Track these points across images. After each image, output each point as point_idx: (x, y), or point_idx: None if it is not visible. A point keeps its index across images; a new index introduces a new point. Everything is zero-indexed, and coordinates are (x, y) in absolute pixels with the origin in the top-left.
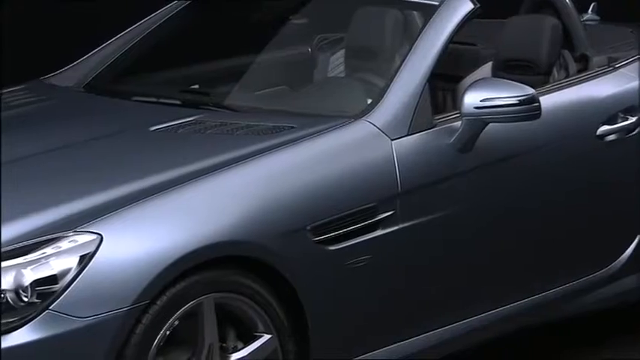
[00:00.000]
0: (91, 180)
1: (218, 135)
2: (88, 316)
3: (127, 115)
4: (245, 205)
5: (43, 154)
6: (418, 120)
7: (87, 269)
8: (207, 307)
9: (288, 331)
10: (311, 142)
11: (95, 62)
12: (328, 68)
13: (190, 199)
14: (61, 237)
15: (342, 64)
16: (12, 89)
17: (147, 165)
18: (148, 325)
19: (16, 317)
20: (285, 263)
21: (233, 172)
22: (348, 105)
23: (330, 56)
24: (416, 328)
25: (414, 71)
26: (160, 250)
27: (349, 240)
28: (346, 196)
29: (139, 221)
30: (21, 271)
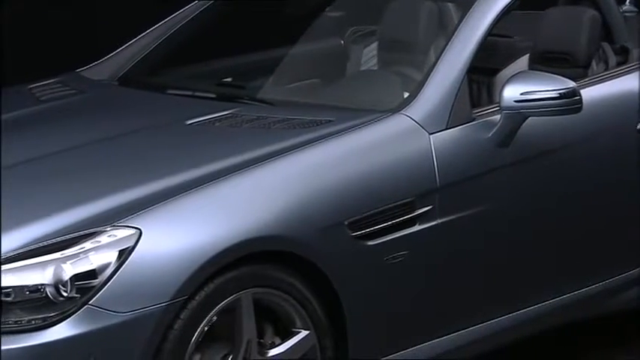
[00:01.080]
0: (129, 174)
1: (255, 129)
2: (127, 311)
3: (162, 108)
4: (283, 200)
5: (80, 147)
6: (456, 114)
7: (126, 264)
8: (246, 303)
9: (326, 327)
10: (349, 136)
11: (128, 55)
12: (361, 61)
13: (228, 194)
14: (100, 231)
15: (375, 57)
16: (46, 82)
17: (184, 159)
18: (187, 320)
19: (56, 312)
20: (323, 258)
21: (271, 166)
22: (385, 98)
23: (363, 49)
24: (451, 325)
25: (452, 64)
26: (199, 246)
27: (387, 235)
28: (384, 190)
29: (178, 216)
30: (60, 265)
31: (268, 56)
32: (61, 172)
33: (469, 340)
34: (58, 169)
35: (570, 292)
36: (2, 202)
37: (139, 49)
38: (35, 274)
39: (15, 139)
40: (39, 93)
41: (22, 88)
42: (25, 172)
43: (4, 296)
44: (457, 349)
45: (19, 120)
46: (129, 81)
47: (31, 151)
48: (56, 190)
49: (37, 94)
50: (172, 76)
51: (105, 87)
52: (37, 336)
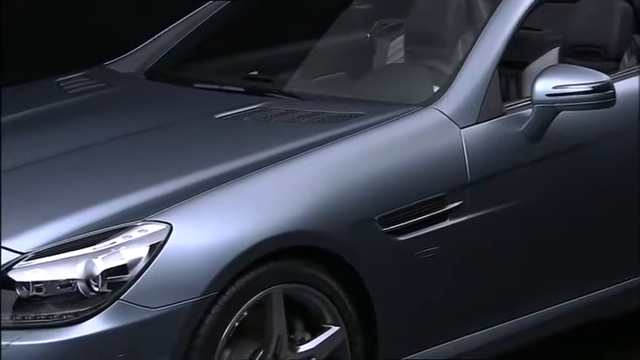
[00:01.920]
0: (159, 169)
1: (284, 123)
2: (158, 306)
3: (190, 102)
4: (314, 195)
5: (110, 141)
6: (487, 108)
7: (157, 259)
8: (276, 298)
9: (356, 324)
10: (379, 131)
11: (154, 49)
12: (387, 54)
13: (259, 189)
14: (131, 226)
15: (401, 50)
16: (73, 75)
17: (214, 153)
18: (217, 316)
19: (88, 307)
20: (353, 254)
21: (301, 161)
22: (415, 92)
23: (390, 42)
24: (481, 322)
25: (483, 57)
26: (230, 241)
27: (417, 230)
28: (415, 185)
29: (208, 211)
30: (92, 260)
31: (294, 49)
32: (92, 166)
33: (498, 338)
34: (89, 164)
35: (597, 290)
36: (33, 196)
37: (165, 43)
38: (66, 269)
39: (45, 133)
40: (67, 86)
41: (50, 82)
42: (56, 166)
43: (35, 291)
44: (486, 346)
45: (49, 113)
46: (155, 75)
47: (62, 145)
48: (87, 185)
49: (65, 87)
50: (199, 69)
51: (132, 81)
52: (68, 331)
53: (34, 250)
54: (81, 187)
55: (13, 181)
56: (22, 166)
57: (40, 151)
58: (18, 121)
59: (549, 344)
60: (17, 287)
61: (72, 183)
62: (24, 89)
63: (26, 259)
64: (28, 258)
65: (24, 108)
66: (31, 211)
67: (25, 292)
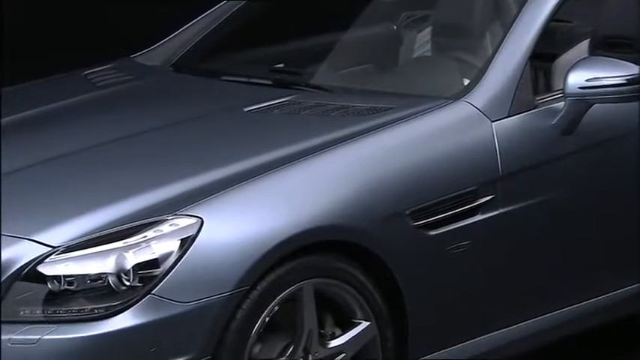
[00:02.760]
0: (189, 162)
1: (314, 116)
2: (189, 301)
3: (219, 95)
4: (345, 189)
5: (140, 134)
6: (519, 101)
7: (188, 253)
8: (307, 293)
9: (387, 319)
10: (410, 124)
11: (181, 41)
12: (414, 47)
13: (290, 183)
14: (162, 220)
15: (428, 43)
16: (100, 68)
17: (244, 147)
18: (248, 310)
19: (119, 301)
20: (384, 248)
21: (332, 154)
22: (445, 85)
23: (417, 34)
24: (511, 317)
25: (514, 50)
26: (261, 235)
27: (448, 225)
28: (446, 179)
29: (239, 205)
30: (123, 254)
31: (321, 42)
32: (122, 159)
33: (527, 334)
34: (119, 157)
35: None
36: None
37: (192, 35)
38: (97, 263)
39: (75, 126)
40: (95, 79)
41: (78, 74)
42: (87, 160)
43: (67, 284)
44: (516, 342)
45: (78, 106)
46: (183, 67)
47: (92, 137)
48: (118, 178)
49: (93, 80)
50: (225, 62)
51: (160, 73)
52: (99, 325)
53: (66, 244)
54: (112, 180)
55: (45, 174)
56: (53, 158)
57: (70, 143)
58: (47, 115)
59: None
60: (49, 281)
61: (103, 176)
62: (51, 82)
63: (57, 252)
64: (59, 252)
65: (52, 101)
66: (63, 204)
67: (57, 286)
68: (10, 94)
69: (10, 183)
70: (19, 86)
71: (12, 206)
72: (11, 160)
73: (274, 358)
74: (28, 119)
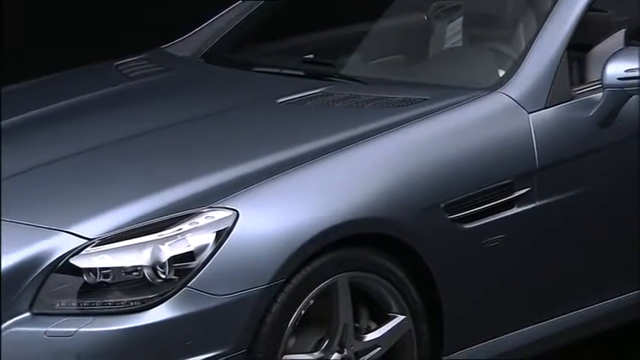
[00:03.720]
0: (224, 154)
1: (347, 108)
2: (225, 294)
3: (251, 86)
4: (380, 181)
5: (173, 126)
6: (556, 92)
7: (224, 246)
8: (342, 286)
9: (423, 313)
10: (445, 115)
11: (211, 32)
12: (445, 37)
13: (325, 175)
14: (198, 213)
15: (459, 33)
16: (131, 59)
17: (278, 139)
18: (284, 304)
19: (155, 294)
20: (420, 241)
21: (367, 147)
22: (480, 76)
23: (447, 24)
24: (546, 312)
25: (551, 40)
26: (296, 228)
27: (484, 218)
28: (482, 172)
29: (274, 197)
30: (158, 246)
31: (350, 32)
32: (156, 151)
33: (561, 329)
34: (153, 149)
35: None
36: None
37: (221, 26)
38: (133, 256)
39: (108, 117)
40: (126, 70)
41: (109, 65)
42: (121, 151)
43: (102, 277)
44: (550, 337)
45: (110, 98)
46: (213, 58)
47: (126, 129)
48: (152, 170)
49: (125, 71)
50: (256, 53)
51: (191, 64)
52: (135, 318)
53: (101, 237)
54: (146, 172)
55: (80, 165)
56: (87, 150)
57: (105, 135)
58: (80, 106)
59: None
60: (84, 273)
61: (137, 168)
62: (82, 73)
63: (93, 245)
64: (95, 244)
65: (84, 92)
66: (98, 196)
67: (93, 279)
68: (42, 85)
69: (46, 175)
70: (50, 77)
71: (48, 198)
72: (47, 151)
73: (309, 351)
74: (61, 110)
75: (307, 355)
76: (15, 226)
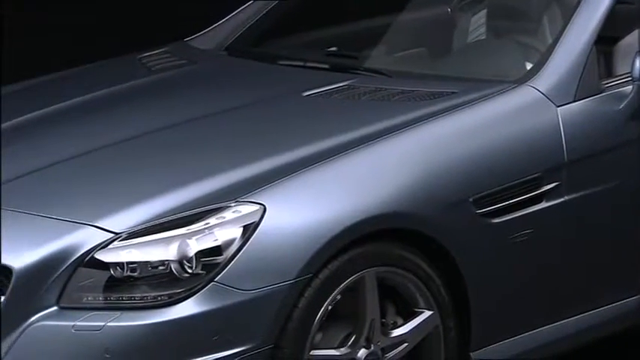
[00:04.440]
0: (251, 148)
1: (374, 101)
2: (253, 289)
3: (276, 79)
4: (408, 176)
5: (199, 120)
6: (584, 85)
7: (251, 240)
8: (370, 282)
9: (450, 308)
10: (474, 109)
11: (233, 25)
12: (469, 29)
13: (353, 169)
14: (225, 207)
15: (483, 25)
16: (154, 52)
17: (305, 133)
18: (311, 299)
19: (182, 289)
20: (447, 236)
21: (395, 140)
22: (507, 69)
23: (471, 17)
24: (574, 308)
25: (580, 32)
26: (324, 222)
27: (512, 213)
28: (510, 166)
29: (301, 191)
30: (185, 241)
31: (373, 24)
32: (182, 145)
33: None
34: (179, 142)
35: None
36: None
37: (244, 19)
38: (160, 250)
39: (134, 110)
40: (150, 63)
41: (131, 58)
42: (147, 145)
43: (129, 271)
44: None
45: (135, 91)
46: (236, 51)
47: (151, 122)
48: (178, 164)
49: (148, 64)
50: (279, 45)
51: (215, 57)
52: (163, 312)
53: (128, 231)
54: (173, 166)
55: (106, 159)
56: (113, 144)
57: (130, 129)
58: (104, 99)
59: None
60: (111, 267)
61: (163, 162)
62: (106, 66)
63: (120, 239)
64: (122, 238)
65: (108, 85)
66: (125, 190)
67: (120, 273)
68: (65, 79)
69: (71, 168)
70: (74, 70)
71: (74, 192)
72: (72, 145)
73: (336, 347)
74: (86, 104)
75: (334, 350)
76: (42, 219)
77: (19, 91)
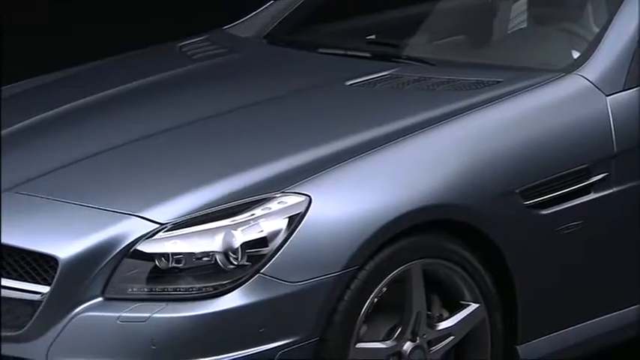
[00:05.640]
0: (295, 137)
1: (418, 90)
2: (298, 281)
3: (318, 68)
4: (455, 166)
5: (242, 109)
6: (634, 74)
7: (296, 232)
8: (416, 274)
9: (497, 301)
10: (520, 98)
11: (272, 13)
12: (509, 17)
13: (398, 160)
14: (270, 198)
15: (524, 13)
16: (194, 40)
17: (349, 122)
18: (357, 291)
19: (228, 280)
20: (494, 228)
21: (441, 130)
22: (553, 57)
23: (512, 4)
24: (621, 301)
25: (629, 20)
26: (370, 213)
27: (560, 204)
28: (558, 156)
29: (347, 182)
30: (231, 232)
31: (411, 12)
32: (226, 134)
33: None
34: (223, 132)
35: None
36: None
37: (283, 7)
38: (205, 241)
39: (176, 100)
40: (190, 51)
41: (172, 46)
42: (192, 135)
43: (174, 262)
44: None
45: (177, 80)
46: (276, 39)
47: (195, 112)
48: (223, 154)
49: (189, 52)
50: (318, 33)
51: (255, 46)
52: (209, 304)
53: (173, 221)
54: (217, 156)
55: (150, 149)
56: (156, 134)
57: (173, 118)
58: (146, 88)
59: None
60: (156, 258)
61: (208, 152)
62: (147, 54)
63: (165, 230)
64: (167, 229)
65: (149, 74)
66: (169, 181)
67: (165, 264)
68: (106, 67)
69: (115, 159)
70: (115, 58)
71: (119, 182)
72: (116, 134)
73: (381, 339)
74: (128, 92)
75: (379, 343)
76: (87, 210)
77: (59, 80)
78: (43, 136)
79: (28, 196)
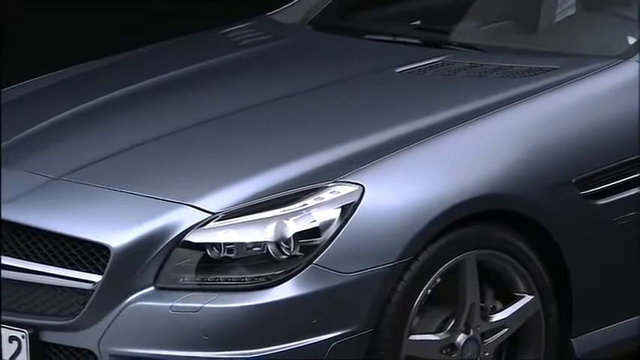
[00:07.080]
0: (346, 126)
1: (470, 77)
2: (352, 271)
3: (365, 55)
4: (509, 156)
5: (291, 97)
6: None
7: (349, 222)
8: (470, 265)
9: (551, 293)
10: (577, 86)
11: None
12: (557, 2)
13: (452, 149)
14: (323, 187)
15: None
16: (238, 27)
17: (401, 110)
18: (410, 282)
19: (280, 270)
20: (550, 218)
21: (495, 118)
22: (608, 43)
23: None
24: None
25: None
26: (424, 203)
27: (616, 194)
28: (615, 145)
29: (400, 172)
30: (283, 222)
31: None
32: (277, 123)
33: None
34: (274, 120)
35: None
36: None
37: None
38: (257, 231)
39: (225, 87)
40: (235, 38)
41: (216, 33)
42: (242, 123)
43: (226, 252)
44: None
45: (223, 67)
46: (321, 25)
47: (244, 99)
48: (274, 143)
49: (234, 39)
50: (364, 19)
51: (300, 32)
52: (261, 295)
53: (225, 210)
54: (268, 145)
55: (201, 137)
56: (206, 122)
57: (222, 106)
58: (194, 75)
59: None
60: (208, 248)
61: (260, 140)
62: (191, 41)
63: (217, 219)
64: (219, 218)
65: (194, 62)
66: (221, 170)
67: (216, 254)
68: (150, 55)
69: (166, 147)
70: (156, 45)
71: (171, 171)
72: (166, 122)
73: (434, 331)
74: (174, 80)
75: (433, 335)
76: (139, 198)
77: (105, 67)
78: (93, 124)
79: (79, 184)
